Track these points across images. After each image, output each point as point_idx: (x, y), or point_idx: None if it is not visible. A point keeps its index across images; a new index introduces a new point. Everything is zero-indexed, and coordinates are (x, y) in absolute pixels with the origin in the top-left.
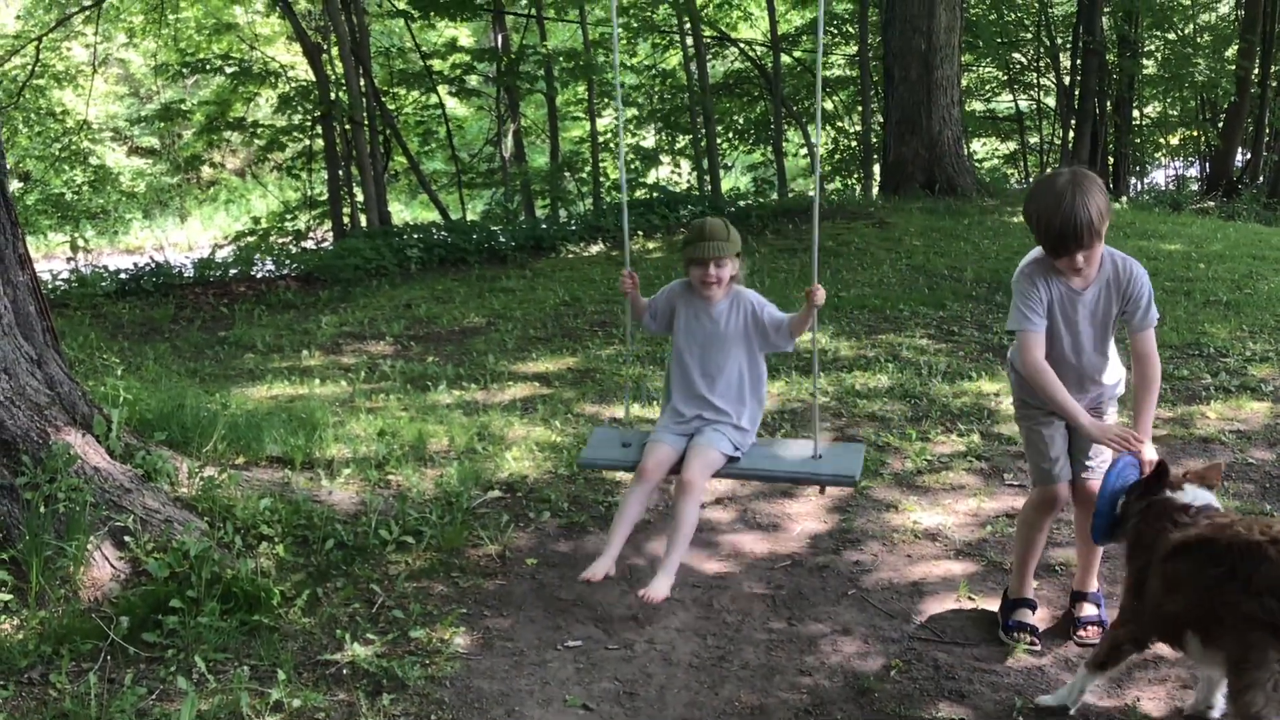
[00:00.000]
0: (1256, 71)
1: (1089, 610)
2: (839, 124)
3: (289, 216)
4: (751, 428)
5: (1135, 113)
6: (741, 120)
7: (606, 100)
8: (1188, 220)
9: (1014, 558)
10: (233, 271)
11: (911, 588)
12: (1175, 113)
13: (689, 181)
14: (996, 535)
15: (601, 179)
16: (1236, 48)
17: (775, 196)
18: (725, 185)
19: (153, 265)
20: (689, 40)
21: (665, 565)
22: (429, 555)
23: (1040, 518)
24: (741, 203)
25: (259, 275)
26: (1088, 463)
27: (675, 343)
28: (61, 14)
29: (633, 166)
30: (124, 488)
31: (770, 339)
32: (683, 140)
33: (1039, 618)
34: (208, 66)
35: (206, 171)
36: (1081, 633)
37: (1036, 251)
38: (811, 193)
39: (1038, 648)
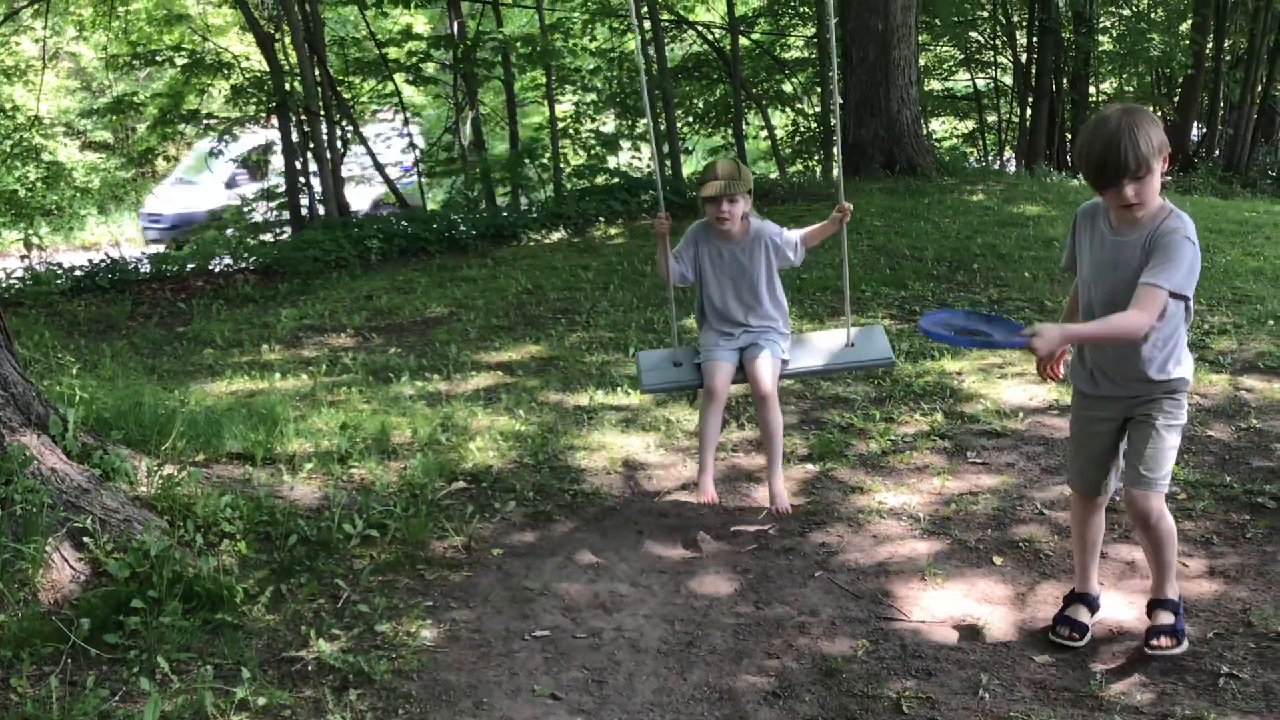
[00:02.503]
0: (1210, 46)
1: (1164, 618)
2: (798, 106)
3: (246, 209)
4: (789, 332)
5: (1092, 89)
6: (701, 103)
7: (565, 86)
8: None
9: (1074, 553)
10: (190, 266)
11: (878, 568)
12: (1131, 89)
13: (650, 166)
14: (961, 514)
15: (562, 165)
16: (1190, 23)
17: None
18: (687, 169)
19: (108, 261)
20: (647, 24)
21: (774, 474)
22: (394, 548)
23: (1083, 513)
24: None
25: (216, 269)
26: (1144, 472)
27: (704, 279)
28: (9, 8)
29: (593, 151)
30: (82, 488)
31: (787, 258)
32: (643, 124)
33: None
34: (159, 58)
35: (161, 165)
36: (1154, 642)
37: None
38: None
39: (1078, 642)
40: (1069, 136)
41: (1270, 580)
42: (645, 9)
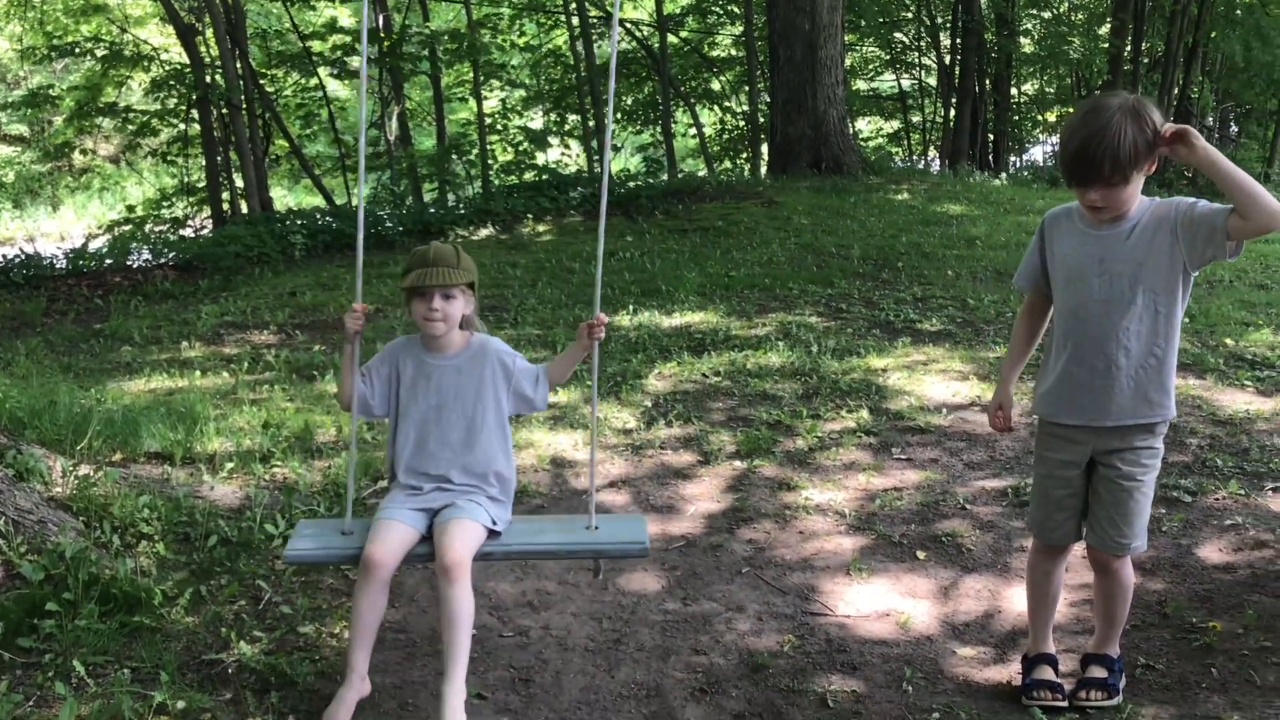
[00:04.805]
0: (1128, 49)
1: (1098, 672)
2: (726, 104)
3: (166, 204)
4: (508, 501)
5: (1013, 90)
6: (630, 101)
7: (492, 82)
8: (1065, 195)
9: (1027, 610)
10: (108, 262)
11: (804, 564)
12: (1051, 90)
13: (578, 163)
14: (886, 509)
15: (490, 161)
16: (1109, 26)
17: (665, 177)
18: (615, 166)
19: (23, 257)
20: (575, 20)
21: (450, 680)
22: None
23: (1043, 562)
24: (632, 184)
25: (135, 265)
26: (1118, 539)
27: (399, 411)
28: None
29: (521, 148)
30: None
31: (524, 393)
32: (571, 121)
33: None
34: (77, 50)
35: (78, 159)
36: (1082, 694)
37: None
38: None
39: (1062, 703)
40: (991, 137)
41: (1185, 572)
42: (574, 4)
